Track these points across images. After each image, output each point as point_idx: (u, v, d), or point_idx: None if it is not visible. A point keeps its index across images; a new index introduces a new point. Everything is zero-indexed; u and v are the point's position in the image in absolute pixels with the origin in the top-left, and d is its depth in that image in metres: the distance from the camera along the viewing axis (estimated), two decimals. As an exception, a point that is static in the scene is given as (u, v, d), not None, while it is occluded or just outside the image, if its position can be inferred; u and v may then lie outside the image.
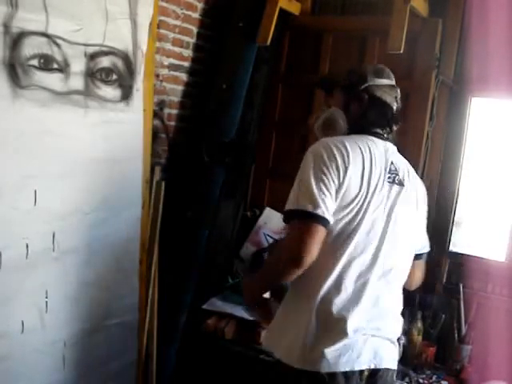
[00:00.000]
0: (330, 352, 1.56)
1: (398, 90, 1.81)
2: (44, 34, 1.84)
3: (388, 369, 1.68)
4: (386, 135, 1.75)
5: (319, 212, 1.51)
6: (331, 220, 1.55)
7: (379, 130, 1.74)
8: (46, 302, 1.95)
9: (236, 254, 3.07)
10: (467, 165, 2.73)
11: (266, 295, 1.81)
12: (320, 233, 1.52)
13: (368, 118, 1.74)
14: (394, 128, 1.79)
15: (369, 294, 1.62)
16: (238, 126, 2.92)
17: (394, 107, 1.78)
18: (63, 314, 2.03)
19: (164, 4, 2.68)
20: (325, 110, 1.85)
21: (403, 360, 2.42)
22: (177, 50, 2.85)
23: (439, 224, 2.74)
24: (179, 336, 2.72)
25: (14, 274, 1.83)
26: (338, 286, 1.59)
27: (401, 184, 1.69)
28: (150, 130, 2.44)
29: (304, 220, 1.52)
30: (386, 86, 1.76)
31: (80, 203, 2.06)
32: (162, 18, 2.69)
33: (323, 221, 1.52)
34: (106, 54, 2.08)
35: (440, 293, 2.69)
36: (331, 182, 1.55)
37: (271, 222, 3.08)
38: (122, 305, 2.28)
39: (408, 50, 2.54)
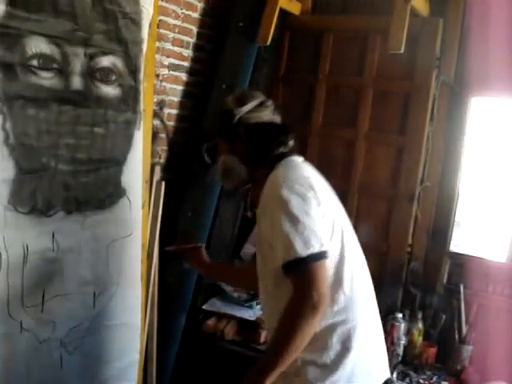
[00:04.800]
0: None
1: (270, 102, 1.74)
2: (44, 34, 1.84)
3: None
4: (291, 150, 1.69)
5: (324, 248, 1.46)
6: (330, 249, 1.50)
7: (285, 149, 1.68)
8: (45, 302, 1.95)
9: (236, 255, 3.07)
10: (467, 165, 2.73)
11: None
12: (328, 267, 1.49)
13: (262, 147, 1.66)
14: (291, 141, 1.71)
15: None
16: (238, 126, 2.92)
17: (277, 119, 1.72)
18: (61, 314, 2.03)
19: (164, 4, 2.68)
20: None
21: (404, 360, 2.42)
22: (177, 49, 2.85)
23: (440, 224, 2.74)
24: (179, 336, 2.72)
25: (14, 274, 1.83)
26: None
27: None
28: (150, 129, 2.43)
29: (314, 262, 1.43)
30: (255, 108, 1.69)
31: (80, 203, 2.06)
32: (162, 17, 2.69)
33: (327, 253, 1.47)
34: (105, 53, 2.07)
35: (440, 293, 2.69)
36: (316, 213, 1.49)
37: (271, 222, 3.07)
38: (122, 305, 2.28)
39: (408, 50, 2.54)
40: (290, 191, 1.49)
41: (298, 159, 1.68)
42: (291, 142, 1.71)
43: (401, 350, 2.37)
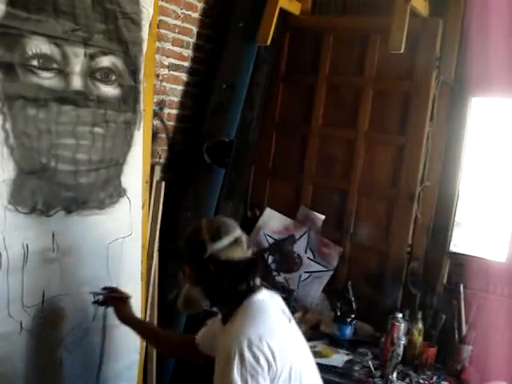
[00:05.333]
0: None
1: (243, 237, 1.67)
2: (44, 34, 1.84)
3: None
4: (259, 284, 1.67)
5: None
6: None
7: (251, 285, 1.65)
8: (45, 302, 1.95)
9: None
10: (468, 165, 2.72)
11: None
12: None
13: (229, 286, 1.63)
14: (257, 279, 1.68)
15: None
16: (238, 126, 2.92)
17: (249, 253, 1.66)
18: (61, 314, 2.03)
19: (164, 4, 2.68)
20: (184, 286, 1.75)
21: (404, 360, 2.42)
22: (177, 49, 2.85)
23: (440, 224, 2.74)
24: (179, 336, 2.72)
25: (14, 274, 1.83)
26: None
27: (290, 320, 1.71)
28: (150, 129, 2.44)
29: None
30: (229, 245, 1.63)
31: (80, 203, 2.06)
32: (162, 17, 2.69)
33: None
34: (105, 53, 2.08)
35: (440, 293, 2.69)
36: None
37: (271, 222, 3.08)
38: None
39: (408, 50, 2.55)
40: (242, 362, 1.49)
41: (263, 298, 1.65)
42: (258, 281, 1.68)
43: (401, 350, 2.36)
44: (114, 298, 2.03)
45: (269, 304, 1.66)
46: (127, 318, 2.02)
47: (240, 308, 1.62)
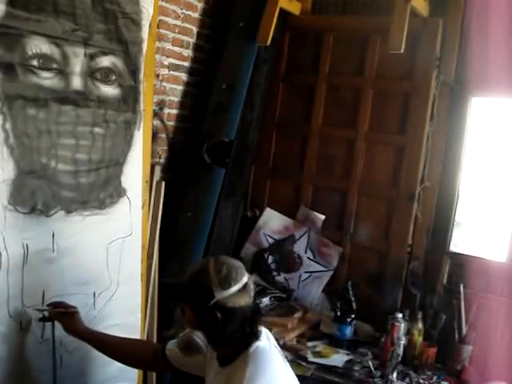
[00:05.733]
0: None
1: (250, 282, 1.63)
2: (44, 34, 1.84)
3: None
4: (260, 332, 1.64)
5: None
6: None
7: (255, 331, 1.63)
8: (45, 302, 1.95)
9: (236, 255, 3.07)
10: (468, 165, 2.72)
11: None
12: None
13: (233, 332, 1.59)
14: (260, 325, 1.65)
15: None
16: (238, 126, 2.92)
17: (250, 303, 1.62)
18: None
19: (164, 4, 2.69)
20: (183, 329, 1.71)
21: (404, 360, 2.42)
22: (177, 49, 2.85)
23: (440, 224, 2.74)
24: (179, 336, 2.72)
25: (13, 274, 1.83)
26: None
27: (284, 360, 1.72)
28: (150, 129, 2.43)
29: None
30: (237, 292, 1.58)
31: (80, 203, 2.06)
32: (162, 17, 2.69)
33: None
34: (105, 53, 2.07)
35: (440, 293, 2.69)
36: None
37: (271, 222, 3.08)
38: (121, 305, 2.27)
39: (408, 50, 2.55)
40: None
41: (263, 345, 1.63)
42: (260, 326, 1.66)
43: (401, 350, 2.36)
44: (60, 313, 1.91)
45: (271, 351, 1.64)
46: (76, 331, 1.92)
47: (243, 354, 1.60)
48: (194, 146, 2.91)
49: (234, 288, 1.58)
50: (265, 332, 1.70)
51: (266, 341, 1.66)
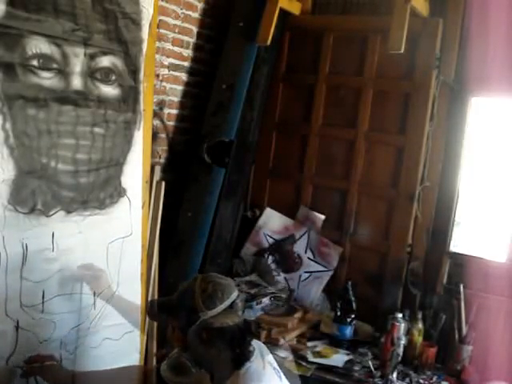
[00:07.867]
0: None
1: (238, 300, 1.60)
2: (44, 34, 1.84)
3: None
4: (251, 352, 1.60)
5: None
6: None
7: (245, 351, 1.58)
8: (45, 301, 1.95)
9: (236, 255, 3.07)
10: (467, 165, 2.72)
11: None
12: None
13: (221, 353, 1.55)
14: (251, 344, 1.61)
15: None
16: (238, 126, 2.92)
17: (240, 321, 1.58)
18: (61, 314, 2.03)
19: (164, 4, 2.69)
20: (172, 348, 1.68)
21: (404, 360, 2.42)
22: (177, 49, 2.85)
23: (440, 224, 2.74)
24: (179, 336, 2.72)
25: (12, 274, 1.83)
26: None
27: (281, 378, 1.68)
28: (150, 129, 2.43)
29: None
30: (223, 312, 1.56)
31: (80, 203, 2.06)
32: (162, 17, 2.69)
33: None
34: (105, 53, 2.07)
35: (440, 293, 2.69)
36: None
37: (271, 222, 3.08)
38: (122, 305, 2.27)
39: (408, 50, 2.55)
40: None
41: (256, 366, 1.59)
42: (251, 346, 1.61)
43: (401, 350, 2.37)
44: (38, 368, 1.85)
45: (264, 371, 1.60)
46: (61, 381, 1.87)
47: (234, 376, 1.56)
48: (194, 145, 2.92)
49: (220, 307, 1.55)
50: (258, 348, 1.65)
51: (259, 359, 1.62)
